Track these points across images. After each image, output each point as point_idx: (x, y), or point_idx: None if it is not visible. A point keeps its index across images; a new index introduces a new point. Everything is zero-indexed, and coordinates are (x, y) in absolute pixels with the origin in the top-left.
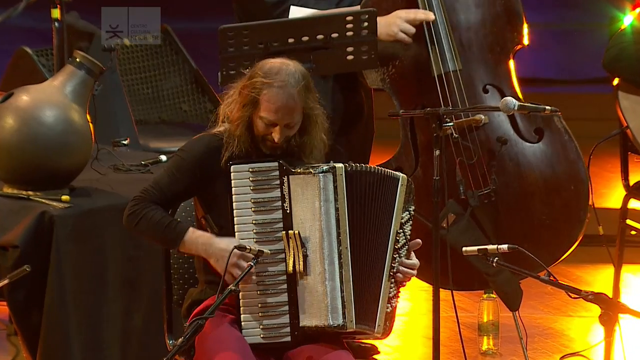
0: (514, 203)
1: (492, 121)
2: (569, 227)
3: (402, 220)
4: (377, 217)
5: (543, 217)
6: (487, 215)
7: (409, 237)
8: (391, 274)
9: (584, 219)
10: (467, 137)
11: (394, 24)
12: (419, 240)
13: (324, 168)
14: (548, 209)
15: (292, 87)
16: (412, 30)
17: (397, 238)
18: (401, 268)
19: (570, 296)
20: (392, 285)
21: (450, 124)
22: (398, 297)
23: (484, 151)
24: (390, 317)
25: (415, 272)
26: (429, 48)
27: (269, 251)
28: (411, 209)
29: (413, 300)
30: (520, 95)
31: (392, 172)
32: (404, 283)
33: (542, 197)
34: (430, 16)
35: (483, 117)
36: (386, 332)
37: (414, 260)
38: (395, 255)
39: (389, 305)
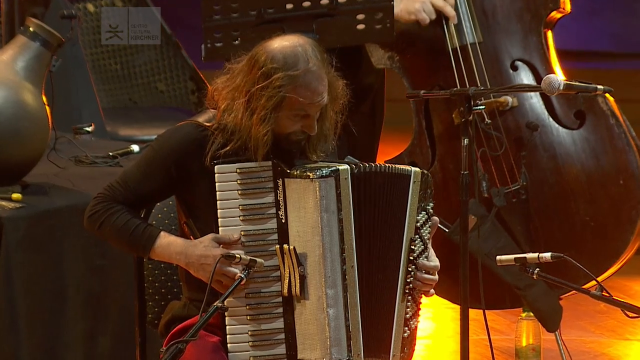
0: (551, 202)
1: (523, 104)
2: (619, 230)
3: (418, 224)
4: (387, 225)
5: (586, 218)
6: (517, 217)
7: (427, 241)
8: (406, 290)
9: (637, 219)
10: (489, 123)
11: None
12: (435, 218)
13: (324, 172)
14: (592, 208)
15: (318, 68)
16: (434, 16)
17: (412, 246)
18: (419, 274)
19: (628, 315)
20: (409, 304)
21: (481, 107)
22: (418, 315)
23: (511, 140)
24: (408, 342)
25: (435, 277)
26: (443, 17)
27: (262, 261)
28: (429, 207)
29: (437, 320)
30: (561, 72)
31: (402, 167)
32: (430, 292)
33: (584, 194)
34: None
35: (510, 98)
36: None
37: (432, 261)
38: (410, 268)
39: (407, 328)
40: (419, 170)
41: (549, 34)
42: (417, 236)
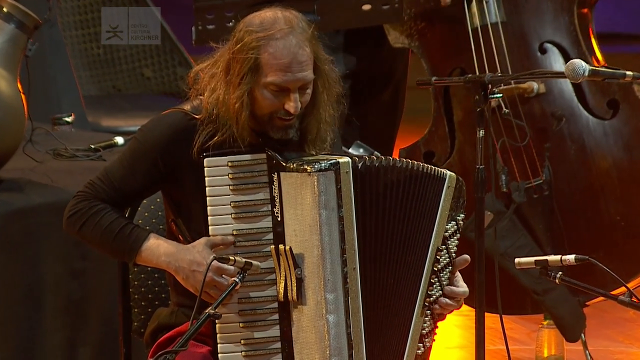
0: (577, 198)
1: (551, 90)
2: None
3: (447, 233)
4: (407, 228)
5: (617, 217)
6: (538, 215)
7: (454, 254)
8: (426, 304)
9: None
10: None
11: None
12: (466, 257)
13: (323, 165)
14: (623, 206)
15: (299, 34)
16: None
17: (438, 257)
18: (441, 299)
19: None
20: (427, 319)
21: (498, 95)
22: (434, 334)
23: (535, 130)
24: None
25: (460, 304)
26: None
27: (259, 264)
28: (460, 217)
29: (441, 329)
30: (599, 57)
31: (434, 169)
32: (444, 316)
33: (615, 190)
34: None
35: (536, 85)
36: None
37: (461, 287)
38: (434, 280)
39: (421, 345)
40: (455, 175)
41: (588, 14)
42: (444, 247)
